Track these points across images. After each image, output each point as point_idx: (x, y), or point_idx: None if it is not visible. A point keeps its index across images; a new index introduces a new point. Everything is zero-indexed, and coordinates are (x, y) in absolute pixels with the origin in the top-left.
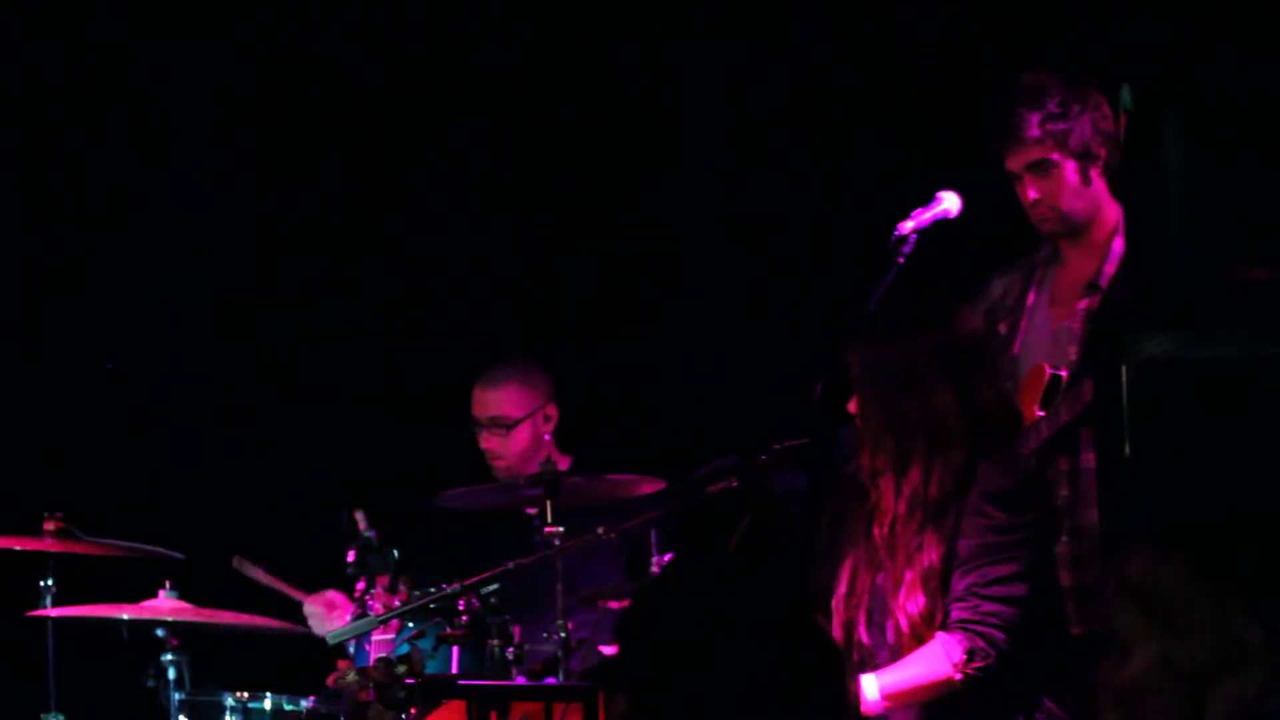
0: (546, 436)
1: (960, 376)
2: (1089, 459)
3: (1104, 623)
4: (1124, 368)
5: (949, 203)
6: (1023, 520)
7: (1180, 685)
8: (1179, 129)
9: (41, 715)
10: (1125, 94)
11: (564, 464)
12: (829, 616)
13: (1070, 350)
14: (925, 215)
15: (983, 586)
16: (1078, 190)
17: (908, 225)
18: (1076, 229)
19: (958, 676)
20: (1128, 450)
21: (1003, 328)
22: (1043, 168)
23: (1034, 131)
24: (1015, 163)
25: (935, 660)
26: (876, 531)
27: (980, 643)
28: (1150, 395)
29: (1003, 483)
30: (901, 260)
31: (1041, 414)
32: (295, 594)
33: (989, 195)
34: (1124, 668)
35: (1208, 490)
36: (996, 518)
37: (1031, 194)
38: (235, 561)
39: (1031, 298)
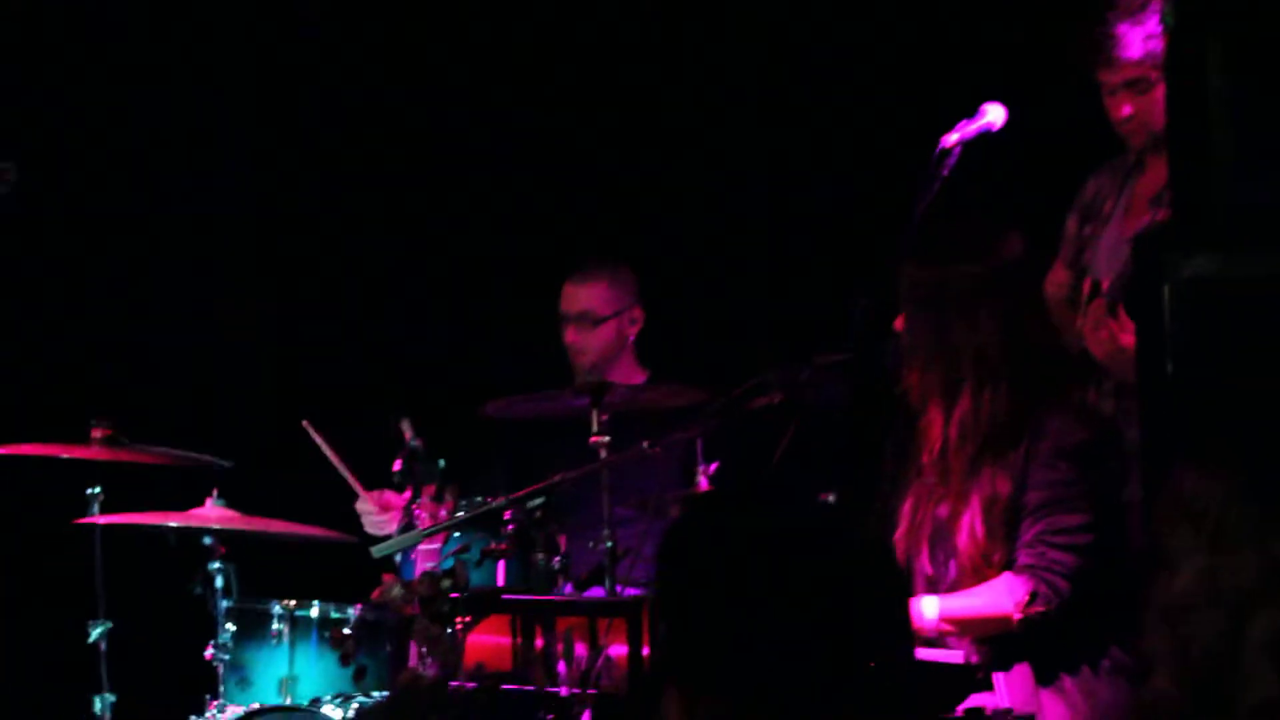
0: (630, 339)
1: (1006, 306)
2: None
3: (1153, 538)
4: (1166, 287)
5: (993, 115)
6: (1092, 473)
7: (1224, 604)
8: (1222, 47)
9: (89, 622)
10: (1168, 10)
11: (641, 377)
12: (892, 547)
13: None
14: (970, 128)
15: (1051, 534)
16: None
17: (952, 138)
18: (1161, 142)
19: (1017, 616)
20: (1170, 369)
21: (1088, 230)
22: (1141, 86)
23: (1136, 51)
24: (1112, 77)
25: (998, 595)
26: (925, 458)
27: (1044, 588)
28: (1192, 315)
29: (1077, 438)
30: (945, 174)
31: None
32: (353, 482)
33: (1035, 107)
34: (1171, 583)
35: (1254, 411)
36: (1067, 472)
37: (1126, 109)
38: (305, 424)
39: (1110, 205)
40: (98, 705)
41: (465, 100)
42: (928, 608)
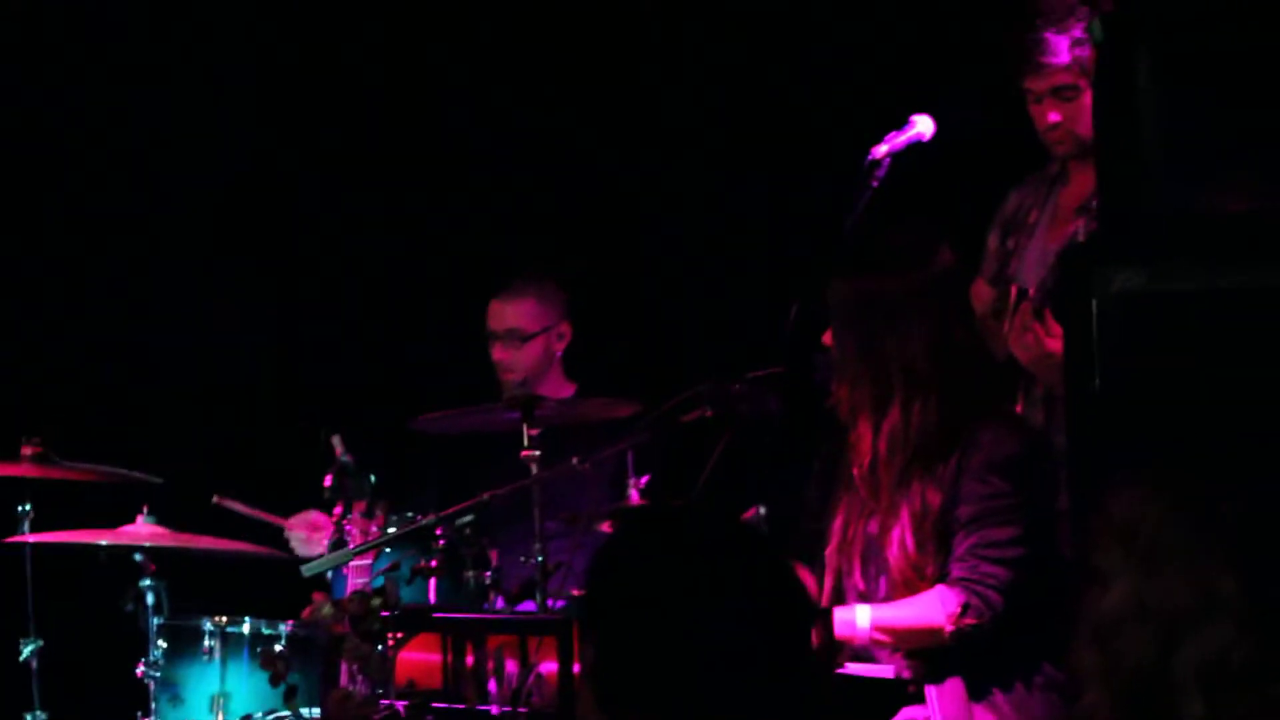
0: (558, 354)
1: (936, 316)
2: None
3: (1083, 556)
4: (1094, 301)
5: (922, 126)
6: (1024, 487)
7: (1153, 625)
8: (1150, 60)
9: (20, 640)
10: (1096, 25)
11: (569, 390)
12: (821, 564)
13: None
14: (899, 139)
15: (983, 548)
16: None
17: (881, 149)
18: (1087, 150)
19: (949, 628)
20: (1098, 384)
21: (1010, 243)
22: (1068, 93)
23: (1063, 57)
24: (1039, 84)
25: (930, 607)
26: (855, 471)
27: (976, 600)
28: (1121, 329)
29: (1007, 450)
30: (875, 184)
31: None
32: (276, 521)
33: (963, 117)
34: (1101, 601)
35: (1184, 428)
36: (999, 486)
37: (1053, 117)
38: (215, 499)
39: (1034, 215)
40: None
41: (397, 117)
42: (860, 617)
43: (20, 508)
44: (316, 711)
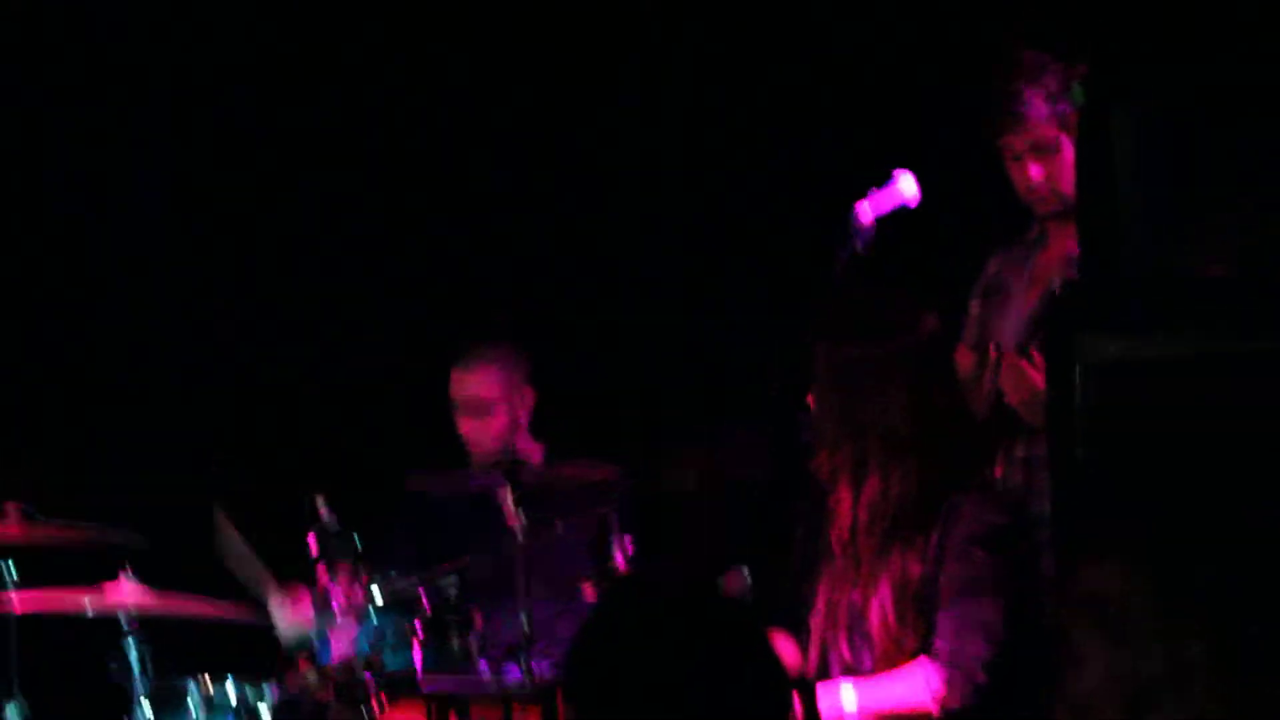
0: (523, 420)
1: (917, 381)
2: (1043, 448)
3: (1059, 632)
4: (1076, 368)
5: (906, 187)
6: (1007, 559)
7: (1125, 698)
8: (1130, 125)
9: (4, 702)
10: (1077, 89)
11: (537, 451)
12: (806, 631)
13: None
14: (884, 202)
15: (968, 627)
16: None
17: (865, 208)
18: (1069, 210)
19: (935, 710)
20: (1080, 453)
21: (990, 309)
22: (1048, 148)
23: (1041, 111)
24: (1018, 142)
25: (916, 687)
26: (834, 537)
27: (960, 679)
28: (1103, 396)
29: (988, 522)
30: (860, 247)
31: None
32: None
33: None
34: (1077, 678)
35: (1162, 496)
36: (983, 560)
37: (1035, 174)
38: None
39: (1015, 281)
40: None
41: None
42: (846, 698)
43: (2, 568)
44: None
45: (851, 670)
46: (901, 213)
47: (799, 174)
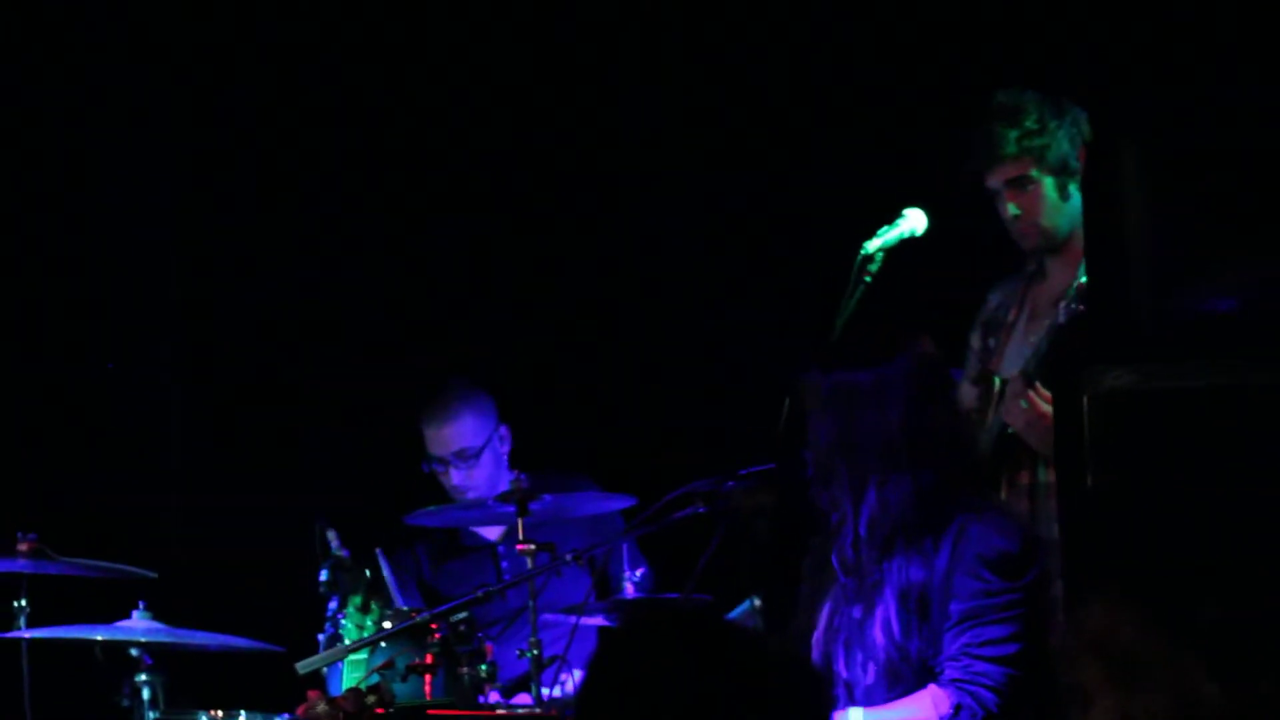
0: (505, 457)
1: (913, 397)
2: (1050, 475)
3: (1066, 673)
4: (1085, 399)
5: (914, 221)
6: (1020, 584)
7: None
8: (1138, 158)
9: None
10: (1084, 123)
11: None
12: (809, 652)
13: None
14: (891, 234)
15: (976, 646)
16: (1056, 206)
17: (873, 244)
18: (1056, 244)
19: None
20: (1089, 481)
21: (991, 342)
22: (1021, 184)
23: (1011, 148)
24: (994, 179)
25: (924, 710)
26: (838, 560)
27: (969, 700)
28: (1111, 427)
29: (999, 545)
30: (869, 279)
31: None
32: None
33: (957, 212)
34: (1085, 715)
35: (1169, 529)
36: (991, 582)
37: (1012, 211)
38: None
39: (1014, 313)
40: None
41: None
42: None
43: (16, 603)
44: None
45: (850, 687)
46: (909, 243)
47: (807, 208)
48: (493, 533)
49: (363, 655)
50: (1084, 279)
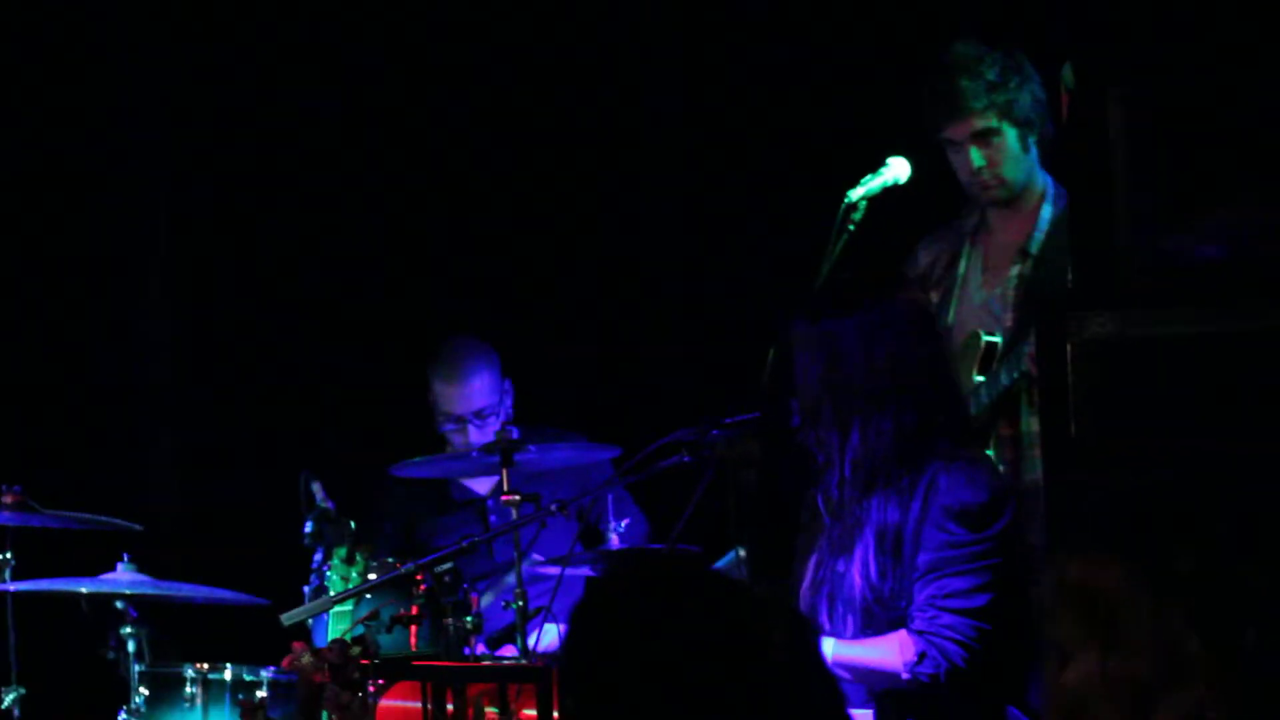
0: (509, 411)
1: (898, 338)
2: (1032, 423)
3: (1047, 619)
4: (1069, 346)
5: (898, 169)
6: (986, 535)
7: (1122, 697)
8: (1122, 106)
9: (2, 688)
10: (1067, 71)
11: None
12: (796, 603)
13: (1006, 317)
14: (874, 182)
15: (942, 598)
16: (1018, 157)
17: (857, 192)
18: (1014, 195)
19: (905, 675)
20: (1073, 429)
21: (934, 296)
22: (987, 136)
23: (981, 101)
24: (958, 132)
25: (890, 651)
26: (821, 497)
27: (933, 650)
28: (1095, 374)
29: (964, 498)
30: (852, 228)
31: (980, 379)
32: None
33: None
34: (1065, 674)
35: (1150, 479)
36: (956, 534)
37: (978, 162)
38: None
39: (962, 266)
40: None
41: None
42: (825, 647)
43: (1, 556)
44: None
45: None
46: (893, 190)
47: (791, 161)
48: (483, 486)
49: (348, 607)
50: (1037, 234)
